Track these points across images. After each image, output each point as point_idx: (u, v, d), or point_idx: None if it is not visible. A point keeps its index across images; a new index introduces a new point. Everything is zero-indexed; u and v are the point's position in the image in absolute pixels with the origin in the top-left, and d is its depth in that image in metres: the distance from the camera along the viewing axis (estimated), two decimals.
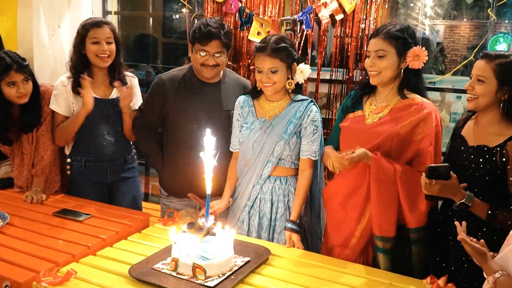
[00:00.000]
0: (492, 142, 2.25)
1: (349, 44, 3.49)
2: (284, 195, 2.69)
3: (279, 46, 2.55)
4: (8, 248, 2.32)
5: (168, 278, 2.05)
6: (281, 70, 2.58)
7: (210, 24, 2.70)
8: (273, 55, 2.55)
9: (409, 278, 2.19)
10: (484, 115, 2.31)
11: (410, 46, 2.34)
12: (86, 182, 3.10)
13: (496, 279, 1.74)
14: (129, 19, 5.44)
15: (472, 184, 2.23)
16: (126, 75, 3.11)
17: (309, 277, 2.16)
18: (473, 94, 2.26)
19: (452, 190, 2.17)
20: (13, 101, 2.87)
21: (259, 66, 2.59)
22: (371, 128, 2.42)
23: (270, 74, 2.56)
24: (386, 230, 2.34)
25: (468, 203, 2.16)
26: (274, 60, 2.55)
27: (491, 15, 3.46)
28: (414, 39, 2.38)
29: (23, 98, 2.86)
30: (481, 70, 2.23)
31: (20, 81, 2.82)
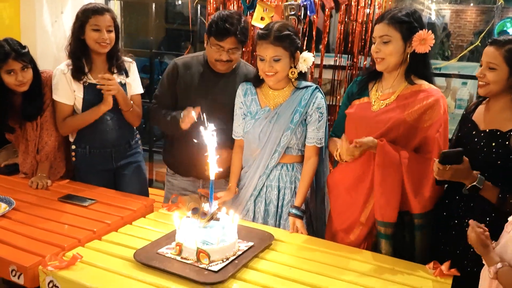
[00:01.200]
0: (505, 126, 2.26)
1: (354, 30, 3.48)
2: (291, 182, 2.71)
3: (282, 33, 2.53)
4: (14, 233, 2.35)
5: (173, 263, 2.08)
6: (284, 59, 2.55)
7: (228, 20, 2.69)
8: (276, 43, 2.52)
9: (412, 263, 2.22)
10: (495, 100, 2.31)
11: (416, 30, 2.31)
12: (91, 169, 3.12)
13: (498, 270, 1.76)
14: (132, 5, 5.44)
15: (483, 168, 2.24)
16: (125, 60, 3.11)
17: (312, 262, 2.19)
18: (484, 81, 2.27)
19: (464, 174, 2.18)
20: (13, 89, 2.89)
21: (262, 54, 2.56)
22: (378, 115, 2.42)
23: (272, 62, 2.54)
24: (388, 215, 2.34)
25: (479, 186, 2.18)
26: (277, 48, 2.52)
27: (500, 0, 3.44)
28: (420, 23, 2.35)
29: (22, 86, 2.87)
30: (491, 57, 2.23)
31: (19, 69, 2.83)
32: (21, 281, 2.06)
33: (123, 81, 3.06)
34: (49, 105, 3.01)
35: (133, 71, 3.16)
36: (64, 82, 2.96)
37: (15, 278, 2.07)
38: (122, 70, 3.08)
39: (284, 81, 2.66)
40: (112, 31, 2.95)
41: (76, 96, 2.98)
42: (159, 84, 3.05)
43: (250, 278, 2.03)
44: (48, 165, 3.07)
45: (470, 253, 2.18)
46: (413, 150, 2.38)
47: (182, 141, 2.92)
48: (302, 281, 2.01)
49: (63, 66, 2.99)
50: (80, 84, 2.96)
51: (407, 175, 2.31)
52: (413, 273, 2.13)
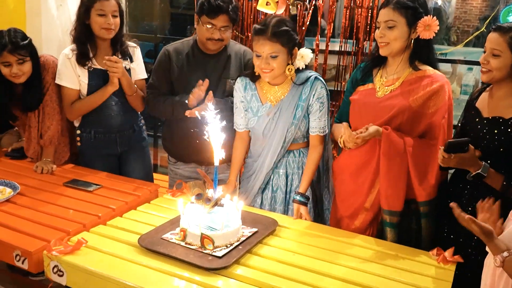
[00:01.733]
0: (507, 113, 2.24)
1: (359, 15, 3.45)
2: (298, 167, 2.71)
3: (280, 29, 2.46)
4: (19, 218, 2.35)
5: (177, 248, 2.08)
6: (281, 56, 2.49)
7: None
8: (274, 39, 2.45)
9: (415, 250, 2.22)
10: (499, 87, 2.29)
11: (421, 16, 2.30)
12: (96, 154, 3.12)
13: (505, 258, 1.75)
14: None
15: (485, 155, 2.24)
16: (129, 45, 3.10)
17: (316, 248, 2.20)
18: (487, 68, 2.24)
19: (469, 162, 2.18)
20: (10, 80, 2.88)
21: (258, 50, 2.49)
22: (382, 101, 2.41)
23: (269, 59, 2.48)
24: (394, 204, 2.34)
25: (484, 174, 2.17)
26: (275, 44, 2.46)
27: None
28: (425, 8, 2.34)
29: (17, 78, 2.86)
30: (495, 44, 2.20)
31: (14, 62, 2.82)
32: (25, 266, 2.06)
33: (127, 66, 3.05)
34: (49, 89, 3.00)
35: (137, 56, 3.16)
36: (69, 67, 2.95)
37: (19, 263, 2.08)
38: (127, 55, 3.07)
39: (282, 76, 2.62)
40: (117, 16, 2.93)
41: (81, 81, 2.97)
42: (152, 72, 3.05)
43: (253, 264, 2.03)
44: (53, 149, 3.06)
45: (474, 240, 2.18)
46: (418, 136, 2.37)
47: (181, 127, 2.94)
48: (305, 267, 2.02)
49: (67, 50, 2.97)
50: (85, 69, 2.95)
51: (413, 163, 2.31)
52: (416, 259, 2.13)
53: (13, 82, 2.91)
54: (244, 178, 2.83)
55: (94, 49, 2.98)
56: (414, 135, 2.36)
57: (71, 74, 2.96)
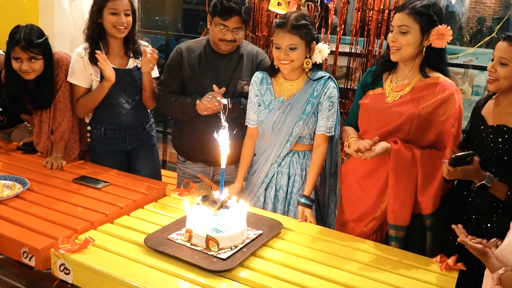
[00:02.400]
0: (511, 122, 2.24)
1: (370, 17, 3.44)
2: (302, 169, 2.72)
3: (299, 23, 2.53)
4: (28, 214, 2.38)
5: (182, 249, 2.10)
6: (300, 48, 2.55)
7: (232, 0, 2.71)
8: (293, 32, 2.52)
9: (419, 256, 2.23)
10: (505, 96, 2.28)
11: (435, 24, 2.28)
12: (105, 150, 3.15)
13: (500, 276, 1.75)
14: None
15: (489, 163, 2.23)
16: (141, 44, 3.12)
17: (320, 252, 2.21)
18: (494, 77, 2.23)
19: (474, 173, 2.18)
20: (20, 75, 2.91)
21: (278, 42, 2.56)
22: (391, 107, 2.40)
23: (288, 51, 2.54)
24: (401, 218, 2.34)
25: (488, 184, 2.17)
26: (294, 36, 2.53)
27: None
28: (440, 16, 2.32)
29: (26, 74, 2.89)
30: (504, 52, 2.19)
31: (25, 59, 2.84)
32: (33, 263, 2.10)
33: (139, 65, 3.07)
34: (61, 86, 3.02)
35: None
36: (81, 65, 2.97)
37: (27, 260, 2.11)
38: (138, 54, 3.09)
39: (298, 71, 2.66)
40: (130, 15, 2.95)
41: (93, 79, 3.00)
42: (164, 70, 3.06)
43: (257, 266, 2.05)
44: (63, 145, 3.09)
45: None
46: (429, 144, 2.35)
47: (191, 126, 2.95)
48: (308, 271, 2.03)
49: (80, 49, 3.00)
50: (97, 67, 2.97)
51: (422, 177, 2.30)
52: (419, 266, 2.14)
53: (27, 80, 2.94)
54: (249, 174, 2.85)
55: (106, 48, 3.01)
56: (423, 144, 2.34)
57: (83, 72, 2.98)
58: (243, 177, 2.82)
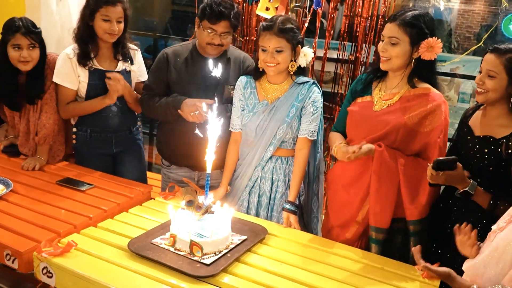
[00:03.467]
0: (498, 133, 2.28)
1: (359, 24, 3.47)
2: (285, 175, 2.74)
3: (286, 26, 2.56)
4: (11, 216, 2.37)
5: (166, 254, 2.11)
6: (286, 51, 2.59)
7: (221, 4, 2.72)
8: (280, 35, 2.55)
9: (402, 264, 2.25)
10: (492, 107, 2.32)
11: (426, 36, 2.30)
12: (91, 152, 3.15)
13: None
14: None
15: (475, 174, 2.27)
16: (130, 48, 3.13)
17: (304, 258, 2.22)
18: (483, 89, 2.27)
19: (457, 179, 2.22)
20: (17, 66, 2.90)
21: (265, 45, 2.59)
22: (379, 115, 2.42)
23: (275, 53, 2.57)
24: (381, 221, 2.37)
25: (471, 192, 2.21)
26: (280, 39, 2.56)
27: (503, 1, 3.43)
28: (430, 27, 2.33)
29: (25, 64, 2.89)
30: (491, 65, 2.23)
31: (25, 46, 2.86)
32: (15, 266, 2.09)
33: (127, 68, 3.08)
34: (50, 88, 3.01)
35: (138, 59, 3.19)
36: (69, 67, 2.96)
37: (9, 262, 2.10)
38: (127, 58, 3.09)
39: (283, 74, 2.69)
40: (122, 22, 2.95)
41: (81, 81, 3.00)
42: (149, 74, 3.07)
43: (241, 272, 2.06)
44: (47, 148, 3.08)
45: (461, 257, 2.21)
46: (413, 154, 2.38)
47: (176, 131, 2.95)
48: (291, 278, 2.04)
49: (69, 50, 2.99)
50: (85, 69, 2.97)
51: (404, 183, 2.33)
52: (401, 273, 2.16)
53: (16, 71, 2.94)
54: (233, 178, 2.86)
55: (95, 50, 3.00)
56: (409, 153, 2.37)
57: (71, 73, 2.97)
58: (227, 182, 2.83)
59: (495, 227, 1.88)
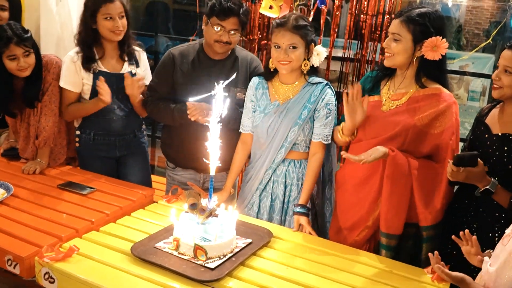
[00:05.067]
0: None
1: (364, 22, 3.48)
2: (298, 179, 2.74)
3: (299, 23, 2.57)
4: (12, 221, 2.38)
5: (170, 258, 2.12)
6: (300, 48, 2.58)
7: (231, 0, 2.75)
8: (294, 31, 2.55)
9: (411, 267, 2.25)
10: (509, 104, 2.32)
11: (431, 35, 2.28)
12: (94, 156, 3.17)
13: None
14: None
15: (494, 172, 2.26)
16: (135, 50, 3.14)
17: (310, 262, 2.23)
18: (499, 85, 2.27)
19: (478, 177, 2.22)
20: (15, 74, 2.92)
21: (278, 41, 2.58)
22: (387, 116, 2.42)
23: (288, 50, 2.57)
24: (394, 227, 2.36)
25: (492, 190, 2.21)
26: (295, 36, 2.56)
27: None
28: (437, 26, 2.30)
29: (24, 71, 2.90)
30: (509, 61, 2.23)
31: (21, 55, 2.86)
32: (17, 271, 2.10)
33: (133, 70, 3.09)
34: (48, 90, 3.03)
35: (143, 61, 3.20)
36: (73, 70, 2.98)
37: (11, 268, 2.12)
38: (133, 60, 3.11)
39: (296, 74, 2.68)
40: (124, 17, 2.96)
41: (85, 83, 3.01)
42: (154, 75, 3.08)
43: (246, 276, 2.06)
44: (48, 151, 3.10)
45: None
46: (424, 156, 2.38)
47: (181, 133, 2.97)
48: (297, 281, 2.05)
49: (72, 53, 3.00)
50: (90, 72, 2.99)
51: (418, 187, 2.32)
52: (411, 277, 2.16)
53: (13, 77, 2.95)
54: (244, 182, 2.86)
55: (100, 52, 3.02)
56: (419, 155, 2.36)
57: (75, 77, 2.99)
58: (231, 184, 2.84)
59: (509, 230, 1.88)
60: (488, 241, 2.24)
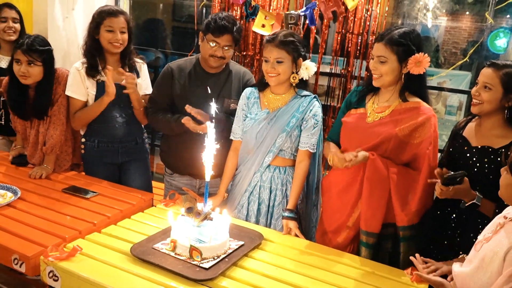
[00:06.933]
0: (496, 143, 2.31)
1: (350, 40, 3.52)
2: (282, 184, 2.76)
3: (287, 39, 2.61)
4: (18, 222, 2.38)
5: (167, 258, 2.12)
6: (286, 62, 2.62)
7: (225, 19, 2.80)
8: (280, 46, 2.59)
9: (392, 269, 2.26)
10: (487, 119, 2.36)
11: (413, 52, 2.31)
12: (98, 162, 3.18)
13: None
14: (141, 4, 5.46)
15: (475, 182, 2.29)
16: (136, 62, 3.16)
17: (298, 263, 2.24)
18: (478, 100, 2.31)
19: (465, 192, 2.26)
20: (18, 79, 2.95)
21: (266, 56, 2.63)
22: (371, 127, 2.44)
23: (275, 64, 2.61)
24: (372, 226, 2.39)
25: (478, 203, 2.25)
26: (281, 51, 2.60)
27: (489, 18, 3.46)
28: (417, 44, 2.34)
29: (24, 78, 2.93)
30: (488, 78, 2.28)
31: (24, 62, 2.90)
32: (23, 270, 2.10)
33: (134, 81, 3.10)
34: (58, 101, 3.04)
35: (143, 72, 3.22)
36: (78, 79, 3.00)
37: (17, 266, 2.11)
38: (134, 71, 3.13)
39: (285, 86, 2.71)
40: (125, 32, 3.00)
41: (89, 92, 3.03)
42: (154, 87, 3.11)
43: (239, 276, 2.07)
44: (54, 157, 3.11)
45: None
46: (404, 164, 2.40)
47: (179, 141, 2.99)
48: (287, 281, 2.06)
49: (78, 64, 3.04)
50: (94, 81, 3.01)
51: (395, 190, 2.35)
52: (391, 277, 2.17)
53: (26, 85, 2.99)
54: (233, 185, 2.88)
55: (103, 63, 3.04)
56: (399, 163, 2.39)
57: (79, 85, 3.01)
58: (225, 189, 2.86)
59: (481, 237, 1.89)
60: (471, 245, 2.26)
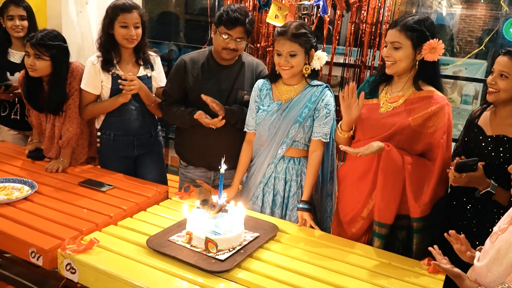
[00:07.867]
0: (511, 132, 2.28)
1: (364, 30, 3.48)
2: (297, 175, 2.75)
3: (299, 31, 2.58)
4: (36, 216, 2.40)
5: (182, 250, 2.13)
6: (299, 55, 2.60)
7: (237, 11, 2.78)
8: (293, 40, 2.57)
9: (408, 259, 2.25)
10: (503, 107, 2.33)
11: (427, 38, 2.29)
12: (113, 155, 3.19)
13: None
14: None
15: (490, 171, 2.26)
16: (150, 55, 3.17)
17: (313, 254, 2.23)
18: (495, 88, 2.28)
19: (479, 180, 2.23)
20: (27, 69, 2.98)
21: (279, 49, 2.61)
22: (384, 117, 2.42)
23: (288, 57, 2.59)
24: (386, 217, 2.37)
25: (493, 191, 2.22)
26: (293, 44, 2.58)
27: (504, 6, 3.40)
28: (431, 30, 2.32)
29: (31, 70, 2.95)
30: (504, 66, 2.25)
31: (32, 55, 2.92)
32: (40, 263, 2.12)
33: (149, 74, 3.13)
34: (74, 95, 3.05)
35: (157, 65, 3.23)
36: (93, 73, 3.01)
37: (34, 260, 2.13)
38: (148, 64, 3.14)
39: (297, 77, 2.70)
40: (139, 27, 3.00)
41: (104, 86, 3.04)
42: (167, 80, 3.11)
43: (254, 267, 2.07)
44: (70, 151, 3.12)
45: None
46: (418, 154, 2.37)
47: (193, 134, 2.99)
48: (302, 273, 2.05)
49: (93, 57, 3.05)
50: (109, 75, 3.01)
51: (409, 181, 2.32)
52: (408, 268, 2.16)
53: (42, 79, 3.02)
54: (247, 177, 2.88)
55: (118, 56, 3.05)
56: (413, 153, 2.36)
57: (94, 79, 3.02)
58: (239, 181, 2.85)
59: (496, 228, 1.87)
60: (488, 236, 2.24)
